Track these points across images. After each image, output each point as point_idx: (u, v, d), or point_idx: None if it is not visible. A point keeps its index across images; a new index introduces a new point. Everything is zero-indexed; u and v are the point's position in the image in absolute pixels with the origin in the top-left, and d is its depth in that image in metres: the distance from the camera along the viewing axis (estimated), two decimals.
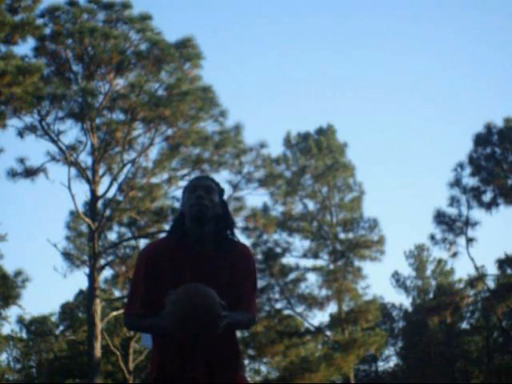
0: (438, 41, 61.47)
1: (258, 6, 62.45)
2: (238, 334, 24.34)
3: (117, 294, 27.90)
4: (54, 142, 20.02)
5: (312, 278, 33.41)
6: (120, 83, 20.72)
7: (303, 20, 63.33)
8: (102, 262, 21.48)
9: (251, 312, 3.32)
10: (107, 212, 20.79)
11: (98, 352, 19.30)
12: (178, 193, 22.51)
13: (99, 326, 19.63)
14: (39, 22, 19.87)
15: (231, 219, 3.41)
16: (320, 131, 32.34)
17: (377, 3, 61.81)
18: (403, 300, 67.05)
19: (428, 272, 41.27)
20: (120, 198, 21.26)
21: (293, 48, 62.79)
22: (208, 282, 3.19)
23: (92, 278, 19.87)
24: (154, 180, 21.80)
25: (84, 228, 24.67)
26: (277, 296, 29.77)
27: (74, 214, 23.94)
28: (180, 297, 3.02)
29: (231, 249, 3.35)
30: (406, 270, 49.41)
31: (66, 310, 38.22)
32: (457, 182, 26.90)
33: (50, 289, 58.32)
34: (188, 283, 3.11)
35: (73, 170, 20.37)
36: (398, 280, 41.69)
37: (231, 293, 3.28)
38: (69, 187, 19.97)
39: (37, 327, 38.36)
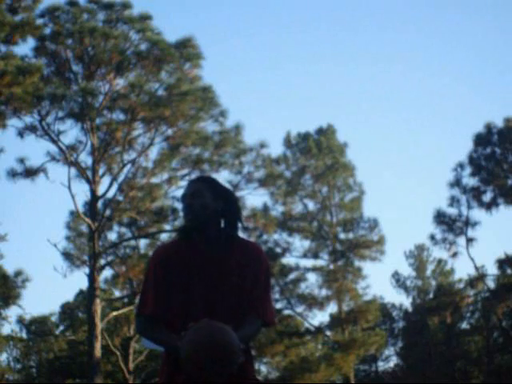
0: (437, 40, 61.51)
1: (258, 6, 62.47)
2: None
3: (117, 293, 27.92)
4: (54, 142, 20.01)
5: (312, 278, 33.33)
6: (120, 83, 20.73)
7: (303, 20, 63.38)
8: (102, 262, 21.48)
9: (263, 317, 3.30)
10: (107, 212, 20.79)
11: (98, 352, 19.30)
12: (178, 193, 22.52)
13: (99, 325, 19.62)
14: (39, 21, 19.88)
15: (233, 215, 3.33)
16: (320, 131, 32.33)
17: (377, 3, 61.83)
18: (403, 300, 66.97)
19: (428, 272, 41.20)
20: (120, 198, 21.25)
21: (293, 48, 62.82)
22: (216, 286, 3.22)
23: (92, 278, 19.87)
24: (154, 180, 21.80)
25: (84, 228, 24.67)
26: (277, 296, 29.77)
27: (73, 214, 23.93)
28: (200, 343, 2.99)
29: (240, 249, 3.31)
30: (406, 270, 49.31)
31: (66, 310, 38.19)
32: (457, 182, 26.91)
33: (50, 289, 58.28)
34: (209, 321, 3.06)
35: (73, 170, 20.38)
36: (398, 280, 41.62)
37: (242, 294, 3.27)
38: (69, 187, 19.98)
39: (37, 327, 38.30)
